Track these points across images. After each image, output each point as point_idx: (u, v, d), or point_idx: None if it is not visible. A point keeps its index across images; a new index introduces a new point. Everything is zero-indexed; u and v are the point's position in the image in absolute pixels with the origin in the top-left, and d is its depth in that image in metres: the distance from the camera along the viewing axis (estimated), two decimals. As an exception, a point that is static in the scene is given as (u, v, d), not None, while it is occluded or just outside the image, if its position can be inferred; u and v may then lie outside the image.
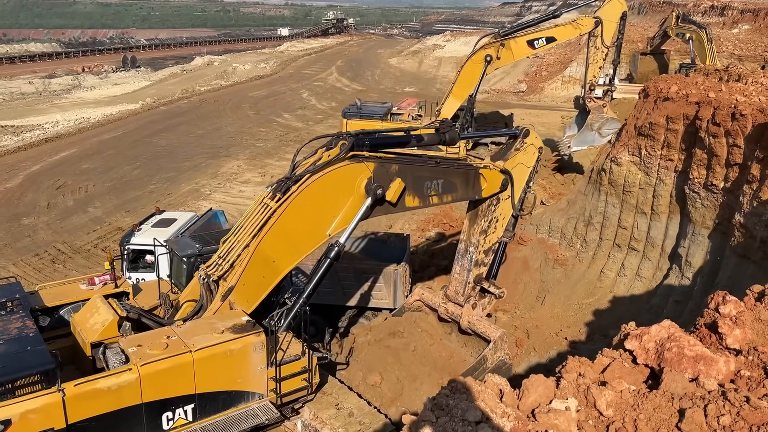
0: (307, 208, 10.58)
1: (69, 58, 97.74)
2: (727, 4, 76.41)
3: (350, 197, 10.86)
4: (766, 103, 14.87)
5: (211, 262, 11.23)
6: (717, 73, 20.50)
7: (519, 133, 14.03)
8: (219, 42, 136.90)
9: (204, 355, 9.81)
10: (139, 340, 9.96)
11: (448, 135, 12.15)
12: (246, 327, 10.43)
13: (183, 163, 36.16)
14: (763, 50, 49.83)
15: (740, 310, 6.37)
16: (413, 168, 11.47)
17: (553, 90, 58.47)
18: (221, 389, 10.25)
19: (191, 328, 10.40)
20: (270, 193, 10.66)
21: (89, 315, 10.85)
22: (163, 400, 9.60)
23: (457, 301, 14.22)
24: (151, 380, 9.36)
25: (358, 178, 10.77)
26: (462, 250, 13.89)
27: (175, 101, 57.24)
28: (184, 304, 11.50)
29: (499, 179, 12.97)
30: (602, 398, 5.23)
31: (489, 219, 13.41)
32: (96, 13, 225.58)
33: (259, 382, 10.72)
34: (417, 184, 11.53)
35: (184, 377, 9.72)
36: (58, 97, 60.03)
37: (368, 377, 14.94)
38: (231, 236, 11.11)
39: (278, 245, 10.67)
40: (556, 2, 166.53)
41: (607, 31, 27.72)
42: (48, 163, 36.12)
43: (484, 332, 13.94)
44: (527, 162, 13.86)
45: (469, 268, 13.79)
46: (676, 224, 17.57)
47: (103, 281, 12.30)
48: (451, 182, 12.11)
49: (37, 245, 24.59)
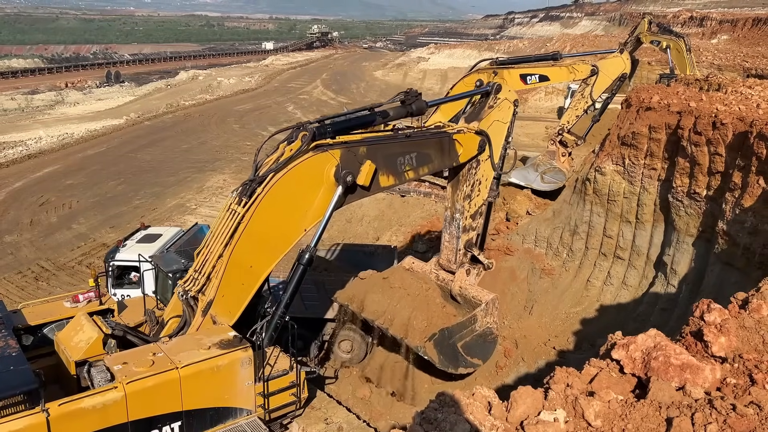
0: (277, 207, 10.15)
1: (52, 73, 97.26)
2: (705, 15, 77.79)
3: (320, 188, 10.37)
4: (746, 112, 15.09)
5: (188, 277, 10.88)
6: (697, 82, 20.82)
7: (490, 89, 13.23)
8: (203, 56, 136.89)
9: (191, 372, 9.66)
10: (124, 358, 9.80)
11: (415, 105, 11.52)
12: (233, 342, 10.27)
13: (168, 177, 35.99)
14: (742, 60, 50.66)
15: (725, 317, 6.41)
16: (383, 147, 10.98)
17: (537, 101, 59.00)
18: (209, 406, 10.10)
19: (177, 344, 10.26)
20: (236, 198, 10.25)
21: (73, 333, 10.69)
22: (150, 418, 9.43)
23: (450, 268, 13.99)
24: (138, 398, 9.21)
25: (325, 168, 10.25)
26: (449, 217, 13.63)
27: (160, 116, 57.06)
28: (170, 321, 11.33)
29: (475, 142, 12.52)
30: (590, 409, 5.23)
31: (471, 183, 13.02)
32: (79, 29, 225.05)
33: (246, 398, 10.57)
34: (389, 162, 11.05)
35: (171, 394, 9.57)
36: (41, 113, 59.61)
37: (357, 391, 14.87)
38: (204, 248, 10.71)
39: (253, 250, 10.29)
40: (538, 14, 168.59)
41: (599, 83, 26.37)
42: (31, 180, 35.80)
43: (476, 296, 13.71)
44: (503, 118, 13.32)
45: (457, 235, 13.53)
46: (661, 232, 17.72)
47: (87, 298, 12.14)
48: (425, 153, 11.65)
49: (20, 263, 24.30)
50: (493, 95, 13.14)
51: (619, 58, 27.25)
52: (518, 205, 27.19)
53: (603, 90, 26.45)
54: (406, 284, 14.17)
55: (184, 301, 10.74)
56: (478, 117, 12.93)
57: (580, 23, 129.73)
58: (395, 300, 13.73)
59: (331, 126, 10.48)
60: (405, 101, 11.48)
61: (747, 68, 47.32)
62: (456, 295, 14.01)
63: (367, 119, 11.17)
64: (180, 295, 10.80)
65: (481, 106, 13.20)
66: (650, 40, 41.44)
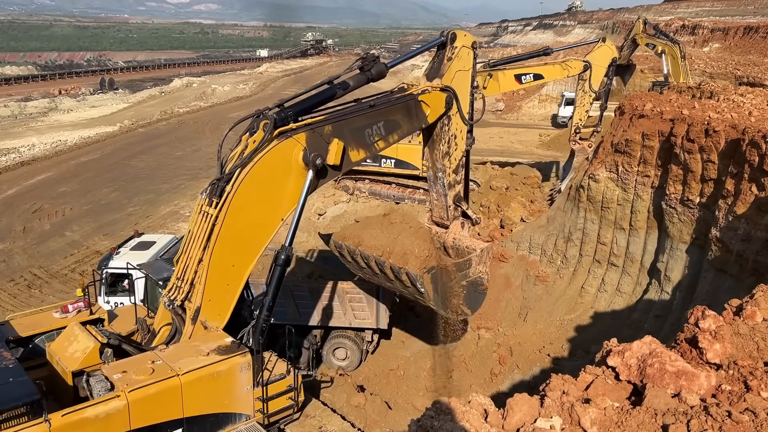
0: (250, 202, 9.98)
1: (45, 80, 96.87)
2: (697, 24, 78.38)
3: (291, 176, 10.16)
4: (738, 119, 15.19)
5: (171, 285, 10.74)
6: (690, 90, 20.97)
7: (446, 39, 12.55)
8: (198, 63, 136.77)
9: (191, 378, 9.64)
10: (123, 367, 9.72)
11: (374, 70, 11.13)
12: (231, 348, 10.24)
13: (162, 185, 35.89)
14: (733, 67, 51.01)
15: (719, 324, 6.43)
16: (348, 121, 10.69)
17: (531, 108, 59.26)
18: (209, 412, 10.08)
19: (174, 352, 10.21)
20: (206, 199, 10.08)
21: (67, 343, 10.59)
22: (152, 426, 9.39)
23: (443, 223, 14.12)
24: (140, 406, 9.15)
25: (292, 154, 10.00)
26: (432, 177, 13.62)
27: (154, 123, 56.95)
28: (162, 329, 11.22)
29: (441, 99, 12.23)
30: (586, 416, 5.23)
31: (446, 140, 12.88)
32: (73, 36, 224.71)
33: (245, 403, 10.55)
34: (357, 136, 10.82)
35: (172, 401, 9.54)
36: (34, 120, 59.36)
37: (352, 398, 14.84)
38: (182, 255, 10.55)
39: (232, 248, 10.15)
40: (531, 22, 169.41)
41: (595, 75, 27.72)
42: (24, 187, 35.62)
43: (469, 246, 13.79)
44: (464, 66, 12.78)
45: (444, 192, 13.58)
46: (655, 239, 17.79)
47: (77, 308, 11.95)
48: (393, 120, 11.40)
49: (13, 270, 24.14)
50: (450, 45, 12.51)
51: (605, 47, 28.29)
52: (512, 212, 27.24)
53: (600, 80, 27.31)
54: (407, 219, 14.21)
55: (171, 310, 10.61)
56: (439, 73, 12.44)
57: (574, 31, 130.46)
58: (395, 234, 13.56)
59: (292, 109, 10.19)
60: (363, 68, 11.15)
61: (739, 76, 47.62)
62: (449, 247, 14.05)
63: (328, 94, 10.76)
64: (166, 304, 10.67)
65: (440, 60, 12.60)
66: (646, 42, 41.53)
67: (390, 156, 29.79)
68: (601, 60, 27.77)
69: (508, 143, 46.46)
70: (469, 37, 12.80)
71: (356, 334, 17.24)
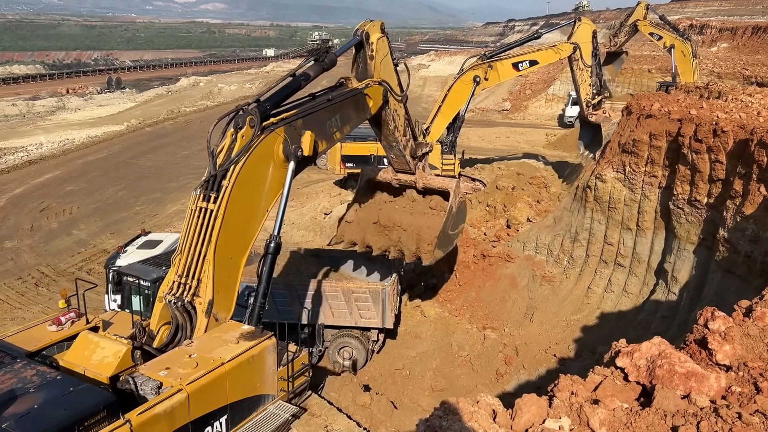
0: (243, 196, 10.52)
1: (53, 80, 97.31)
2: (705, 23, 78.01)
3: (274, 168, 10.87)
4: (746, 120, 15.11)
5: (170, 283, 10.79)
6: (698, 90, 20.86)
7: (360, 37, 13.44)
8: (204, 63, 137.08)
9: (233, 365, 10.01)
10: (162, 364, 9.80)
11: (327, 59, 12.14)
12: (256, 333, 10.67)
13: (168, 183, 35.98)
14: (742, 67, 50.77)
15: (729, 325, 6.39)
16: (314, 115, 11.60)
17: (537, 108, 59.10)
18: (246, 396, 10.52)
19: (203, 345, 10.33)
20: (200, 196, 10.44)
21: (88, 352, 10.33)
22: (205, 416, 9.72)
23: (408, 171, 15.99)
24: (197, 397, 9.43)
25: (275, 147, 10.77)
26: (386, 146, 15.17)
27: (161, 122, 57.12)
28: (161, 329, 11.09)
29: (380, 92, 13.55)
30: (595, 417, 5.21)
31: (390, 119, 14.26)
32: (80, 35, 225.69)
33: (272, 384, 11.10)
34: (321, 129, 11.69)
35: (220, 390, 9.91)
36: (42, 119, 59.66)
37: (358, 398, 14.82)
38: (181, 252, 10.70)
39: (230, 242, 10.59)
40: (538, 21, 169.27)
41: (585, 52, 29.55)
42: (31, 186, 35.79)
43: (440, 186, 16.04)
44: (385, 53, 13.93)
45: (402, 154, 15.27)
46: (662, 240, 17.71)
47: (69, 319, 11.65)
48: (346, 113, 12.49)
49: (21, 269, 24.25)
50: (367, 45, 13.45)
51: (583, 24, 30.30)
52: (518, 212, 27.15)
53: (590, 54, 29.68)
54: (394, 219, 16.08)
55: (177, 307, 10.63)
56: (368, 73, 13.48)
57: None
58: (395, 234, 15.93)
59: (268, 102, 10.84)
60: (318, 59, 12.06)
61: (747, 76, 47.39)
62: (422, 189, 16.18)
63: (294, 85, 11.55)
64: (171, 302, 10.68)
65: (364, 61, 13.56)
66: (650, 31, 38.96)
67: None
68: (585, 37, 29.65)
69: (514, 143, 46.35)
70: (377, 25, 13.75)
71: (362, 333, 17.24)
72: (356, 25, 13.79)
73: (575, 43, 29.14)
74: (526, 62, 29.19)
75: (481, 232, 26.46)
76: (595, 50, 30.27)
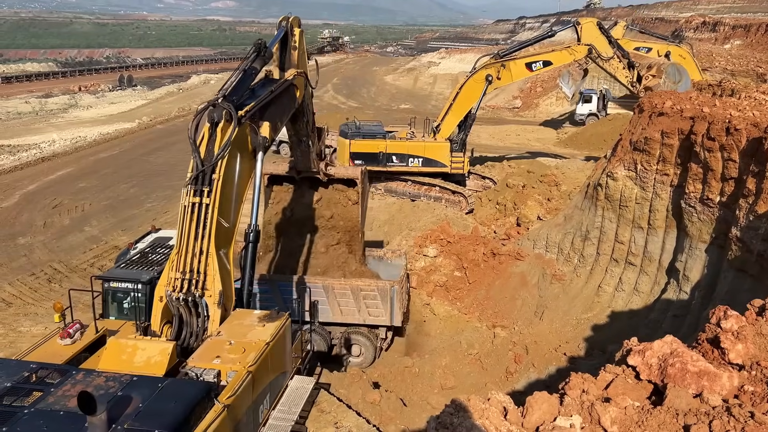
0: (227, 187, 10.89)
1: (65, 77, 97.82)
2: (718, 20, 77.36)
3: (241, 158, 11.33)
4: (760, 118, 14.97)
5: (171, 282, 10.72)
6: (710, 88, 20.71)
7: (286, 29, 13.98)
8: (215, 60, 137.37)
9: (272, 346, 10.46)
10: (208, 355, 9.89)
11: (266, 53, 12.68)
12: (274, 315, 11.11)
13: (180, 181, 35.84)
14: (755, 65, 50.31)
15: (742, 324, 6.35)
16: (265, 106, 12.12)
17: (548, 106, 58.88)
18: (277, 373, 11.04)
19: (231, 332, 10.50)
20: (191, 191, 10.64)
21: (127, 356, 10.09)
22: (259, 395, 10.12)
23: (312, 169, 16.89)
24: (256, 378, 9.82)
25: (247, 139, 11.42)
26: (296, 142, 15.77)
27: (172, 120, 57.39)
28: (164, 328, 10.98)
29: (302, 82, 14.24)
30: (606, 415, 5.19)
31: (308, 112, 15.07)
32: (93, 33, 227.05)
33: (288, 361, 11.68)
34: (272, 119, 12.22)
35: (266, 370, 10.34)
36: (54, 117, 60.08)
37: (367, 395, 14.86)
38: (179, 249, 10.72)
39: (220, 234, 10.85)
40: (549, 19, 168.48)
41: (600, 47, 29.81)
42: (44, 183, 36.07)
43: (349, 174, 17.47)
44: (302, 48, 14.63)
45: (309, 151, 16.08)
46: (673, 238, 17.59)
47: (77, 330, 11.63)
48: (285, 103, 13.10)
49: (33, 265, 24.47)
50: (291, 36, 14.12)
51: (585, 24, 30.84)
52: (529, 210, 27.11)
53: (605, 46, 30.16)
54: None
55: (182, 304, 10.63)
56: (292, 63, 14.07)
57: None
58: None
59: (234, 96, 11.36)
60: (259, 52, 12.55)
61: (761, 74, 46.94)
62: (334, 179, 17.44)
63: (250, 79, 12.22)
64: (178, 299, 10.64)
65: (287, 51, 14.08)
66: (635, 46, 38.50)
67: (418, 155, 29.95)
68: (593, 34, 30.08)
69: (525, 141, 46.21)
70: (296, 18, 14.47)
71: (370, 331, 17.27)
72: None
73: (589, 44, 29.28)
74: (539, 62, 29.25)
75: (491, 230, 26.43)
76: (608, 37, 30.56)
